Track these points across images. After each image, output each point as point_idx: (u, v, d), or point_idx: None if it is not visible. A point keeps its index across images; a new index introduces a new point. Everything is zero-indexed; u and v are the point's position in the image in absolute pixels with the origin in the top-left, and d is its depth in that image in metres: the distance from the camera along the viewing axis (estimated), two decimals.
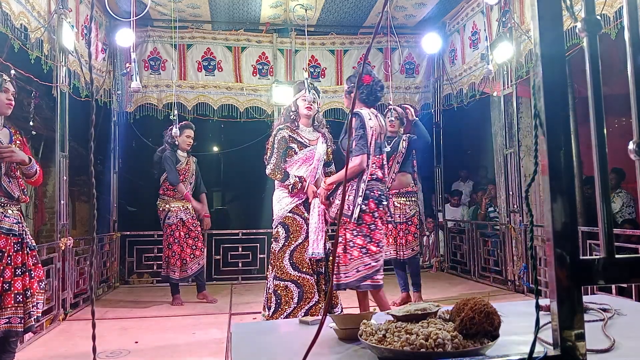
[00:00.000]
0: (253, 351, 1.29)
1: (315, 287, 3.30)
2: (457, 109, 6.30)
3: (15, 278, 2.58)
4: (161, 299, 5.04)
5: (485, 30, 5.29)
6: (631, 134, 0.87)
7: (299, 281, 3.26)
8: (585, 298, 1.10)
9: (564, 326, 0.85)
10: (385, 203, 3.34)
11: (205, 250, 5.03)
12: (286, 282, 3.26)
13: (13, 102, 2.72)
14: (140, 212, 7.31)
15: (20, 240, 2.66)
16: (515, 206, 5.08)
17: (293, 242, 3.34)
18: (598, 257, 0.87)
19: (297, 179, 3.36)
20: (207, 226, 5.20)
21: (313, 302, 3.25)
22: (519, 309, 1.58)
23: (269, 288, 3.37)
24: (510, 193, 5.17)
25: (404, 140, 4.53)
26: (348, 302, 3.75)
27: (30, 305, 2.66)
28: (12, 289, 2.56)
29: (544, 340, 1.08)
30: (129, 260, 6.09)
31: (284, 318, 3.20)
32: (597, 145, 0.86)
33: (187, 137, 4.86)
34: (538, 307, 0.91)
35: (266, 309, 3.38)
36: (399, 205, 4.56)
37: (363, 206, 3.19)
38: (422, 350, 1.04)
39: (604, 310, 1.45)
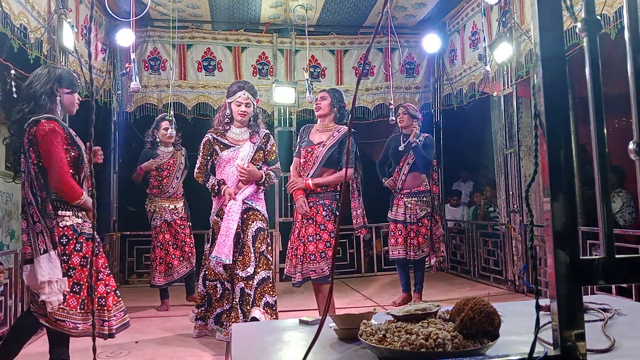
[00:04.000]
0: (253, 351, 1.29)
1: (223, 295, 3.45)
2: (457, 109, 6.30)
3: (98, 282, 2.58)
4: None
5: (484, 30, 5.29)
6: (631, 134, 0.87)
7: (222, 278, 3.41)
8: (585, 298, 1.10)
9: (564, 326, 0.85)
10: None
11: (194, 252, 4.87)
12: (215, 282, 3.44)
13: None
14: (140, 212, 7.29)
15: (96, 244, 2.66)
16: (515, 206, 5.08)
17: None
18: (598, 257, 0.87)
19: (215, 182, 3.42)
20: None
21: (225, 309, 3.41)
22: (519, 309, 1.58)
23: (201, 291, 3.51)
24: (510, 193, 5.17)
25: (416, 142, 4.51)
26: (347, 302, 3.74)
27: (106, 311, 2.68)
28: (96, 292, 2.57)
29: (544, 340, 1.08)
30: (129, 260, 6.09)
31: (211, 312, 3.44)
32: (597, 145, 0.86)
33: (164, 129, 4.69)
34: (538, 307, 0.91)
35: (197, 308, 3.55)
36: (409, 205, 4.57)
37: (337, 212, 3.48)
38: (422, 350, 1.04)
39: (604, 310, 1.45)
